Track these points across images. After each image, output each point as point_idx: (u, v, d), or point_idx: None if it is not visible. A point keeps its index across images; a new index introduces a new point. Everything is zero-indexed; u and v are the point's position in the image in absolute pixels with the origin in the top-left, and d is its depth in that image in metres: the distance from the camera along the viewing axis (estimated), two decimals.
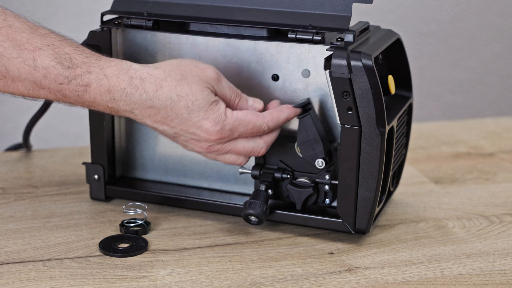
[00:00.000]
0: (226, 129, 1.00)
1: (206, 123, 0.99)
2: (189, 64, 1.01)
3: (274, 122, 1.03)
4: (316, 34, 1.04)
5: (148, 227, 1.08)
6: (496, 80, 2.32)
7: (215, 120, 0.99)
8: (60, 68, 0.98)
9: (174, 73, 1.00)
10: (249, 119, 1.01)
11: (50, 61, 0.97)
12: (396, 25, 1.52)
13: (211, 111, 0.99)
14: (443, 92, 2.29)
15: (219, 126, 1.00)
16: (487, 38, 2.27)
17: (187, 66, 1.01)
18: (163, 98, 0.99)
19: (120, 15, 1.12)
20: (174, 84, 0.99)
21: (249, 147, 1.03)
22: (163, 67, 1.01)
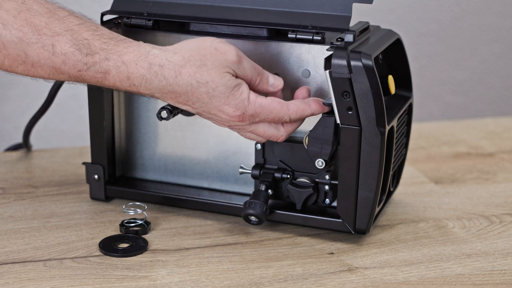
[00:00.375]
0: (247, 114, 1.00)
1: (228, 108, 0.99)
2: (209, 47, 1.00)
3: (297, 115, 1.02)
4: (316, 34, 1.04)
5: (148, 227, 1.08)
6: (496, 80, 2.32)
7: (237, 106, 0.99)
8: (78, 55, 0.98)
9: (194, 58, 0.99)
10: (272, 108, 1.00)
11: (68, 47, 0.97)
12: (396, 25, 1.52)
13: (232, 97, 0.99)
14: (443, 92, 2.29)
15: (240, 111, 0.99)
16: (487, 38, 2.27)
17: (207, 49, 1.00)
18: (183, 84, 0.98)
19: (120, 15, 1.12)
20: (194, 70, 0.98)
21: (269, 132, 1.03)
22: (183, 52, 0.99)
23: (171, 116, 1.07)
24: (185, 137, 1.15)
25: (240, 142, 1.12)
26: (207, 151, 1.14)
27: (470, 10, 2.23)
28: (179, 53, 0.99)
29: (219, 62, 0.99)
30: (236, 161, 1.13)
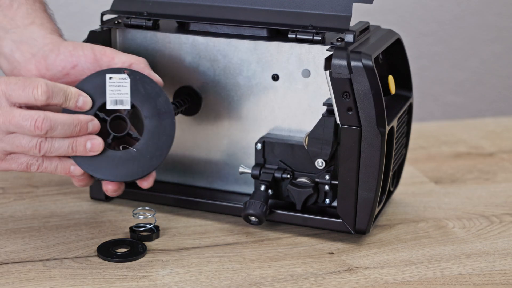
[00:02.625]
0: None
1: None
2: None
3: (55, 83, 0.97)
4: (316, 34, 1.04)
5: (157, 232, 1.08)
6: (496, 80, 2.32)
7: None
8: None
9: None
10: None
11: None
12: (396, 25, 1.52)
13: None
14: (443, 92, 2.29)
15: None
16: (487, 38, 2.27)
17: None
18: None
19: (120, 14, 1.12)
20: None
21: (20, 114, 0.95)
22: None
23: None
24: (185, 137, 1.15)
25: (240, 142, 1.12)
26: (207, 151, 1.14)
27: (470, 10, 2.23)
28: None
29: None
30: (236, 161, 1.13)
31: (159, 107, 1.00)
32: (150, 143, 1.00)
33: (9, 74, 1.05)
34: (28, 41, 1.05)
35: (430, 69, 2.26)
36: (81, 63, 1.02)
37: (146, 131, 1.00)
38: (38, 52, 1.03)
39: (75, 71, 1.02)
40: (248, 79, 1.09)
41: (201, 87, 1.12)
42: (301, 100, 1.08)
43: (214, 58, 1.10)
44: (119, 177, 1.00)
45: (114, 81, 0.99)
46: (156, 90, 1.00)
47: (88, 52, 1.02)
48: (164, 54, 1.12)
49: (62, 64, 1.02)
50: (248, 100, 1.10)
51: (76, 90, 0.99)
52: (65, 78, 1.02)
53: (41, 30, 1.06)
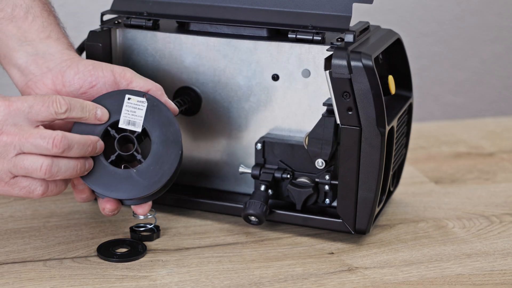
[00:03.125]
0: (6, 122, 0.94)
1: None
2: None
3: (70, 98, 0.97)
4: (316, 34, 1.04)
5: (158, 232, 1.08)
6: (496, 80, 2.32)
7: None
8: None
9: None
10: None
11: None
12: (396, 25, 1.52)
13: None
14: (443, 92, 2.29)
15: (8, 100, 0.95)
16: (487, 38, 2.27)
17: None
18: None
19: (120, 14, 1.12)
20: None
21: (38, 132, 0.95)
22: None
23: None
24: (185, 137, 1.15)
25: (240, 142, 1.12)
26: (207, 151, 1.14)
27: (470, 10, 2.23)
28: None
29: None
30: (236, 161, 1.13)
31: (168, 135, 1.01)
32: (152, 168, 1.00)
33: (23, 86, 1.05)
34: (45, 55, 1.04)
35: (430, 69, 2.26)
36: (99, 84, 1.02)
37: (151, 155, 1.00)
38: (56, 67, 1.03)
39: (93, 91, 1.02)
40: (248, 79, 1.09)
41: (201, 87, 1.12)
42: (301, 100, 1.08)
43: (214, 58, 1.10)
44: (114, 194, 1.00)
45: (131, 102, 1.00)
46: (169, 119, 1.01)
47: (107, 74, 1.02)
48: (164, 54, 1.12)
49: (80, 83, 1.02)
50: (248, 100, 1.10)
51: (92, 103, 0.99)
52: (81, 97, 1.02)
53: (58, 45, 1.06)
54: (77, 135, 0.97)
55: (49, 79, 1.02)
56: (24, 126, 0.95)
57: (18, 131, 0.94)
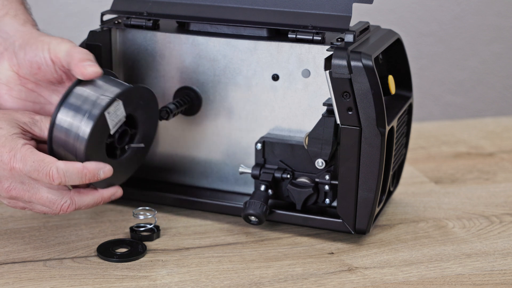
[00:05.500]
0: (18, 158, 0.95)
1: (1, 151, 0.96)
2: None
3: (67, 166, 0.95)
4: (316, 34, 1.04)
5: (157, 232, 1.08)
6: (496, 80, 2.32)
7: (10, 147, 0.96)
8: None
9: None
10: (38, 153, 0.96)
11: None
12: (396, 25, 1.52)
13: (6, 142, 0.96)
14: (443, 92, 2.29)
15: (12, 153, 0.95)
16: (487, 38, 2.27)
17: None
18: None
19: (120, 14, 1.12)
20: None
21: (51, 197, 0.98)
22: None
23: (171, 116, 1.07)
24: (185, 137, 1.15)
25: (240, 142, 1.12)
26: (207, 151, 1.14)
27: (470, 10, 2.23)
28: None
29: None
30: (236, 161, 1.13)
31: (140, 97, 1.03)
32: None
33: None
34: (1, 33, 1.04)
35: (430, 69, 2.26)
36: (43, 66, 1.01)
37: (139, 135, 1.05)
38: (9, 47, 1.03)
39: (41, 72, 1.01)
40: (248, 79, 1.09)
41: (201, 87, 1.12)
42: (301, 100, 1.08)
43: (214, 58, 1.10)
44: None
45: (111, 111, 0.99)
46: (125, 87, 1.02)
47: (46, 55, 1.01)
48: (164, 54, 1.12)
49: (29, 65, 1.02)
50: (248, 100, 1.10)
51: (94, 167, 0.97)
52: (36, 77, 1.02)
53: (13, 22, 1.05)
54: (87, 197, 1.00)
55: (5, 61, 1.02)
56: (31, 183, 0.97)
57: (28, 188, 0.97)
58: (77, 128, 0.98)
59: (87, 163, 0.97)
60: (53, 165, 0.95)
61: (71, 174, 0.95)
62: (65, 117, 0.98)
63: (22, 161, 0.95)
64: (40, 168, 0.95)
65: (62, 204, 0.98)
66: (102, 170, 0.98)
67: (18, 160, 0.95)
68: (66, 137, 0.98)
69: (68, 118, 0.98)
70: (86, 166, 0.97)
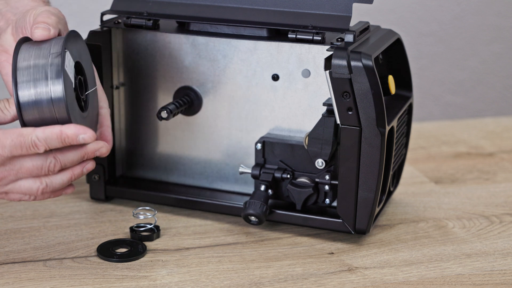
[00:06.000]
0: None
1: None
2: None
3: (46, 133, 0.93)
4: (316, 34, 1.04)
5: (158, 232, 1.08)
6: (496, 80, 2.32)
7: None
8: None
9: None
10: (15, 129, 0.93)
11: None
12: (396, 25, 1.52)
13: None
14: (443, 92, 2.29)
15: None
16: (487, 38, 2.27)
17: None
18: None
19: (120, 14, 1.12)
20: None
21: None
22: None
23: (171, 116, 1.07)
24: (185, 137, 1.15)
25: (240, 142, 1.12)
26: (207, 151, 1.14)
27: (470, 10, 2.23)
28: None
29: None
30: (236, 161, 1.13)
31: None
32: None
33: None
34: (12, 10, 1.05)
35: (430, 69, 2.26)
36: (27, 31, 1.00)
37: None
38: (17, 21, 1.01)
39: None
40: (248, 79, 1.09)
41: (201, 87, 1.12)
42: (301, 100, 1.08)
43: (214, 58, 1.10)
44: None
45: (67, 64, 0.95)
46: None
47: (29, 19, 0.99)
48: (164, 54, 1.12)
49: (20, 31, 1.00)
50: (248, 100, 1.10)
51: (73, 132, 0.94)
52: None
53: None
54: (70, 154, 0.95)
55: (9, 29, 1.02)
56: (13, 162, 0.94)
57: (11, 168, 0.94)
58: (47, 93, 0.93)
59: (65, 127, 0.94)
60: (33, 134, 0.93)
61: (51, 139, 0.93)
62: (27, 91, 0.94)
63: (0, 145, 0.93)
64: (22, 143, 0.93)
65: (49, 165, 0.94)
66: (81, 135, 0.94)
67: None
68: (39, 110, 0.94)
69: (32, 90, 0.94)
70: (64, 131, 0.94)
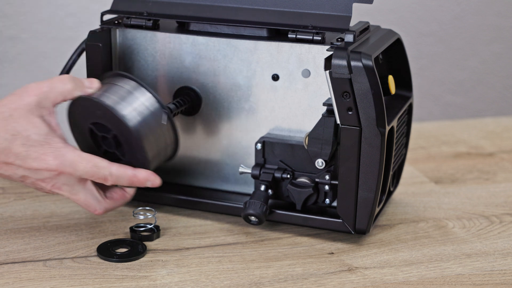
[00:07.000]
0: (66, 163, 0.98)
1: (46, 158, 0.98)
2: (11, 95, 0.99)
3: (119, 171, 1.00)
4: (316, 34, 1.04)
5: (157, 232, 1.08)
6: (496, 80, 2.32)
7: (55, 154, 0.98)
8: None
9: (1, 110, 0.98)
10: (91, 157, 0.99)
11: None
12: (396, 25, 1.52)
13: (48, 146, 0.98)
14: (443, 92, 2.29)
15: (59, 160, 0.98)
16: (487, 38, 2.27)
17: (8, 99, 0.99)
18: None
19: (120, 14, 1.12)
20: (4, 124, 0.97)
21: (89, 201, 1.02)
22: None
23: (171, 116, 1.07)
24: (185, 137, 1.15)
25: (240, 142, 1.12)
26: (207, 151, 1.14)
27: (470, 10, 2.23)
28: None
29: (22, 108, 0.98)
30: (236, 161, 1.13)
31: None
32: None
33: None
34: None
35: (430, 69, 2.26)
36: None
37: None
38: None
39: None
40: (248, 79, 1.09)
41: (201, 87, 1.12)
42: (301, 100, 1.08)
43: (214, 58, 1.10)
44: None
45: None
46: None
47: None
48: (164, 54, 1.12)
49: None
50: (248, 100, 1.10)
51: (144, 178, 1.02)
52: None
53: None
54: (116, 203, 1.05)
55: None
56: (74, 185, 1.00)
57: (69, 189, 1.00)
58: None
59: (138, 171, 1.01)
60: (108, 170, 0.99)
61: (122, 179, 1.01)
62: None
63: (71, 166, 0.98)
64: (95, 173, 0.99)
65: (95, 210, 1.03)
66: (150, 181, 1.02)
67: (67, 166, 0.98)
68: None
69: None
70: (137, 175, 1.01)
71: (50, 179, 0.99)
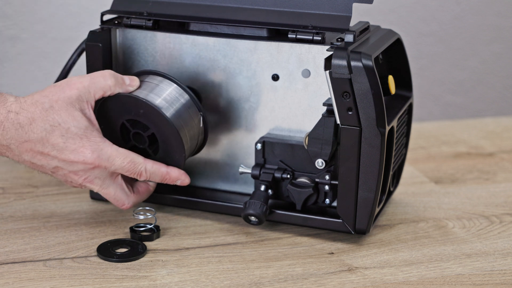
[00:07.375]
0: (103, 157, 1.00)
1: (84, 151, 0.99)
2: (52, 87, 1.00)
3: (153, 168, 1.03)
4: (316, 34, 1.04)
5: (157, 232, 1.08)
6: (496, 80, 2.32)
7: (92, 148, 0.99)
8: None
9: (42, 101, 0.99)
10: (128, 153, 1.01)
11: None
12: (396, 25, 1.52)
13: (86, 139, 0.99)
14: (443, 92, 2.29)
15: (96, 154, 0.99)
16: (487, 38, 2.27)
17: (49, 90, 1.00)
18: (37, 130, 0.98)
19: (120, 14, 1.12)
20: (44, 114, 0.98)
21: (118, 195, 1.04)
22: (36, 97, 0.99)
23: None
24: None
25: (240, 142, 1.12)
26: (207, 151, 1.14)
27: (470, 10, 2.23)
28: (32, 97, 0.99)
29: (63, 101, 0.99)
30: (236, 161, 1.13)
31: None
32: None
33: None
34: None
35: (430, 69, 2.26)
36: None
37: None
38: None
39: None
40: (248, 79, 1.09)
41: (201, 87, 1.12)
42: (301, 100, 1.08)
43: (214, 58, 1.10)
44: None
45: None
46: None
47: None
48: (164, 54, 1.12)
49: None
50: (248, 100, 1.10)
51: (176, 176, 1.05)
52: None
53: None
54: (141, 197, 1.08)
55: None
56: (106, 180, 1.02)
57: (100, 183, 1.03)
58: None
59: (171, 169, 1.05)
60: (143, 165, 1.02)
61: (155, 175, 1.04)
62: None
63: (108, 161, 1.00)
64: (130, 169, 1.02)
65: (123, 204, 1.05)
66: (180, 180, 1.06)
67: (104, 160, 1.00)
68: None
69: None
70: (170, 173, 1.05)
71: (83, 171, 1.00)
